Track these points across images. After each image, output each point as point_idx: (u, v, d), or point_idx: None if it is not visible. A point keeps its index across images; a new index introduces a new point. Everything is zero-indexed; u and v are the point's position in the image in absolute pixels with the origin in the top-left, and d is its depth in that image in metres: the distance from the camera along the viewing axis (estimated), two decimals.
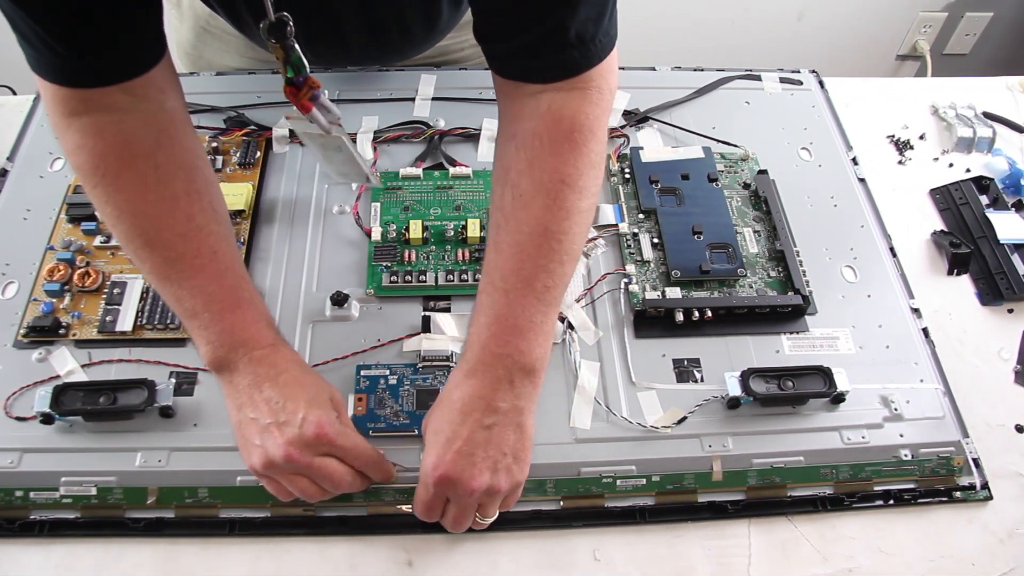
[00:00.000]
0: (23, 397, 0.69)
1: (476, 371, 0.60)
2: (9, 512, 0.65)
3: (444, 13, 0.82)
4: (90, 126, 0.59)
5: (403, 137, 0.90)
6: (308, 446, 0.59)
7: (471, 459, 0.58)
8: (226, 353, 0.61)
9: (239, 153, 0.87)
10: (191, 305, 0.61)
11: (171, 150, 0.62)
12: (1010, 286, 0.82)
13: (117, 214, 0.61)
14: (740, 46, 1.94)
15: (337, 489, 0.62)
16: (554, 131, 0.61)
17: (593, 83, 0.62)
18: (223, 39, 0.96)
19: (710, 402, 0.71)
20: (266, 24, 0.55)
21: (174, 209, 0.61)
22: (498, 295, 0.61)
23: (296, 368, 0.63)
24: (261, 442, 0.59)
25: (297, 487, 0.60)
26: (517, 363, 0.60)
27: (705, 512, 0.68)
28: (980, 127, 0.98)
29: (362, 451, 0.62)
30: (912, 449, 0.70)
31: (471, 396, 0.60)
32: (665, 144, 0.92)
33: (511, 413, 0.60)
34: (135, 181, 0.60)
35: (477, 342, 0.61)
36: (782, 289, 0.78)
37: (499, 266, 0.62)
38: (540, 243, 0.61)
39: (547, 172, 0.61)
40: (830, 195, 0.88)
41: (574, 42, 0.60)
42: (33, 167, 0.86)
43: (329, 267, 0.79)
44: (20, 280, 0.76)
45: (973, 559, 0.67)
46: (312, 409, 0.59)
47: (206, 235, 0.62)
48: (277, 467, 0.59)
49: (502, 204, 0.63)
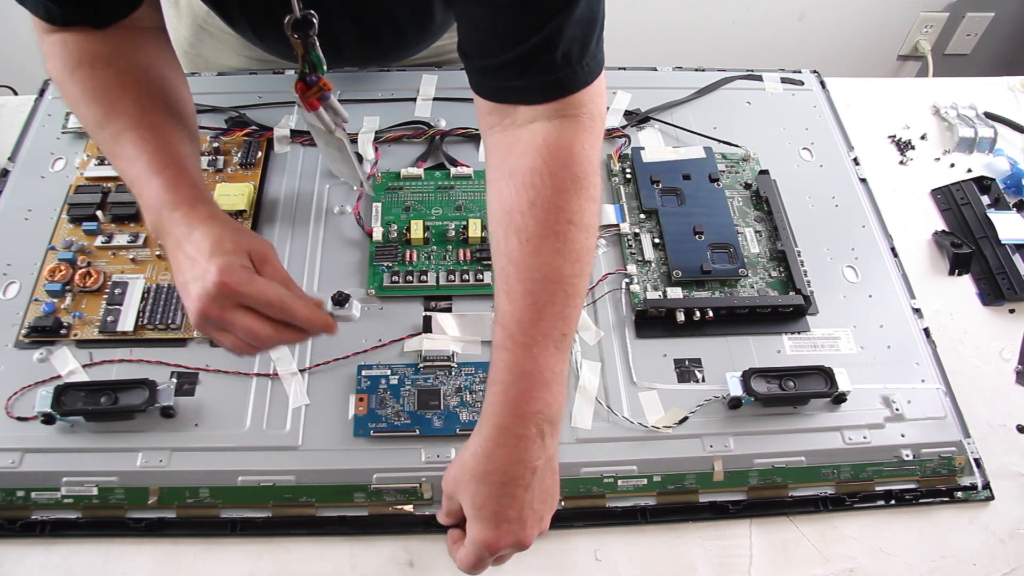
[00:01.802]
0: (24, 397, 0.69)
1: (508, 438, 0.57)
2: (10, 512, 0.65)
3: (437, 15, 0.82)
4: (66, 37, 0.64)
5: (404, 137, 0.90)
6: (215, 299, 0.56)
7: (522, 524, 0.57)
8: (156, 217, 0.60)
9: (240, 153, 0.87)
10: (131, 173, 0.62)
11: (132, 56, 0.65)
12: (1011, 286, 0.82)
13: (86, 98, 0.64)
14: (741, 46, 1.94)
15: (259, 343, 0.58)
16: (553, 166, 0.60)
17: (584, 109, 0.61)
18: (221, 38, 0.96)
19: (711, 402, 0.71)
20: (291, 20, 0.55)
21: (124, 96, 0.63)
22: (520, 351, 0.58)
23: (211, 222, 0.60)
24: (186, 300, 0.58)
25: (227, 342, 0.59)
26: (546, 418, 0.58)
27: (706, 512, 0.68)
28: (981, 127, 0.98)
29: (274, 299, 0.57)
30: (913, 449, 0.70)
31: (510, 464, 0.57)
32: (666, 144, 0.92)
33: (546, 465, 0.58)
34: (109, 73, 0.64)
35: (505, 402, 0.58)
36: (783, 289, 0.78)
37: (517, 319, 0.59)
38: (555, 290, 0.59)
39: (552, 213, 0.59)
40: (831, 195, 0.88)
41: (560, 63, 0.59)
42: (34, 167, 0.86)
43: (330, 267, 0.79)
44: (21, 280, 0.76)
45: (974, 559, 0.67)
46: (213, 259, 0.56)
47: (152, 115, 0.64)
48: (203, 324, 0.57)
49: (508, 250, 0.60)
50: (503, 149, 0.63)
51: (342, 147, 0.71)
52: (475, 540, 0.56)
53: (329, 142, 0.72)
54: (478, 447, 0.57)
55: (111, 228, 0.80)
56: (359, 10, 0.77)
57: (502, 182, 0.61)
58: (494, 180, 0.63)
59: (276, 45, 0.86)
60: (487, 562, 0.58)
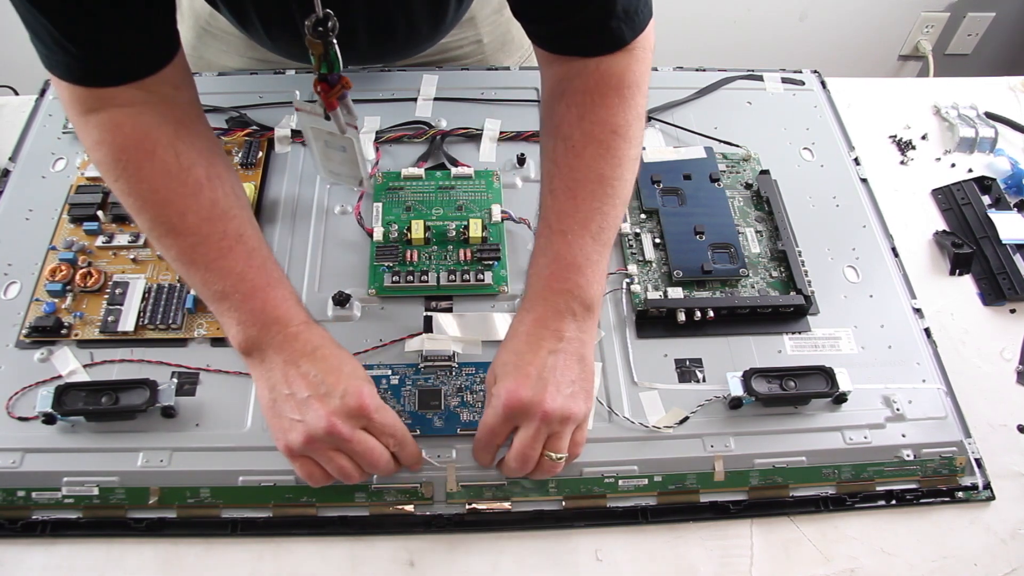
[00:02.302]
0: (25, 397, 0.69)
1: (537, 304, 0.63)
2: (11, 512, 0.65)
3: (450, 10, 0.82)
4: (108, 121, 0.60)
5: (405, 137, 0.90)
6: (350, 418, 0.58)
7: (543, 382, 0.59)
8: (258, 333, 0.61)
9: (241, 153, 0.87)
10: (220, 287, 0.61)
11: (189, 139, 0.62)
12: (1012, 286, 0.82)
13: (141, 204, 0.61)
14: (742, 46, 1.94)
15: (373, 468, 0.61)
16: (604, 87, 0.64)
17: (638, 45, 0.65)
18: (224, 39, 0.96)
19: (712, 402, 0.71)
20: (312, 20, 0.56)
21: (198, 194, 0.61)
22: (556, 236, 0.63)
23: (332, 344, 0.63)
24: (301, 416, 0.58)
25: (335, 465, 0.60)
26: (577, 297, 0.62)
27: (707, 512, 0.68)
28: (982, 127, 0.98)
29: (399, 428, 0.62)
30: (914, 449, 0.70)
31: (536, 326, 0.62)
32: (667, 144, 0.92)
33: (575, 342, 0.62)
34: (157, 170, 0.61)
35: (538, 280, 0.63)
36: (784, 289, 0.78)
37: (556, 210, 0.64)
38: (594, 188, 0.63)
39: (598, 124, 0.64)
40: (832, 195, 0.88)
41: (621, 16, 0.62)
42: (35, 167, 0.86)
43: (331, 267, 0.79)
44: (22, 280, 0.76)
45: (975, 559, 0.67)
46: (353, 381, 0.59)
47: (231, 218, 0.62)
48: (317, 442, 0.58)
49: (555, 155, 0.65)
50: (558, 74, 0.67)
51: (348, 146, 0.71)
52: (498, 394, 0.60)
53: (331, 143, 0.72)
54: (513, 321, 0.64)
55: (112, 228, 0.80)
56: (378, 6, 0.77)
57: (555, 100, 0.66)
58: (548, 99, 0.68)
59: (287, 46, 0.86)
60: (504, 434, 0.61)
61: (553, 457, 0.61)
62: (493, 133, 0.91)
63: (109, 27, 0.56)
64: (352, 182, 0.81)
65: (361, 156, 0.73)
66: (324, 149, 0.75)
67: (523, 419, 0.60)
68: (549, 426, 0.60)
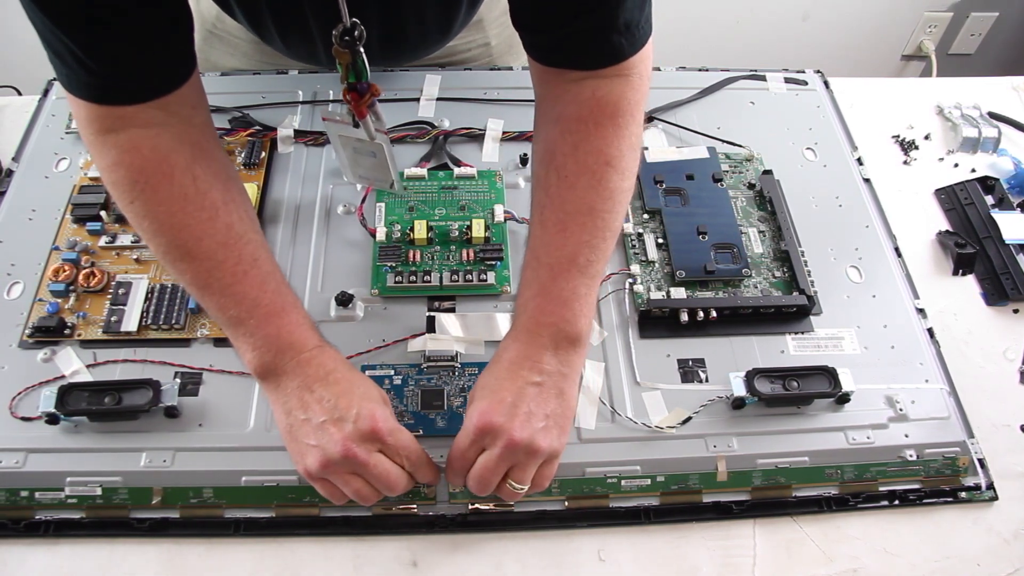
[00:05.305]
0: (28, 397, 0.69)
1: (522, 335, 0.63)
2: (14, 512, 0.65)
3: (461, 14, 0.82)
4: (126, 142, 0.59)
5: (408, 137, 0.90)
6: (365, 441, 0.58)
7: (515, 410, 0.59)
8: (272, 358, 0.61)
9: (244, 153, 0.87)
10: (235, 312, 0.61)
11: (205, 162, 0.62)
12: (1015, 286, 0.82)
13: (157, 227, 0.61)
14: (745, 46, 1.94)
15: (390, 489, 0.61)
16: (598, 116, 0.63)
17: (634, 69, 0.64)
18: (230, 42, 0.96)
19: (715, 402, 0.71)
20: (339, 30, 0.55)
21: (214, 218, 0.61)
22: (543, 269, 0.63)
23: (344, 367, 0.63)
24: (317, 441, 0.58)
25: (352, 488, 0.60)
26: (562, 331, 0.62)
27: (710, 512, 0.68)
28: (985, 127, 0.98)
29: (413, 449, 0.61)
30: (917, 449, 0.70)
31: (518, 355, 0.62)
32: (670, 144, 0.92)
33: (555, 376, 0.61)
34: (174, 194, 0.60)
35: (524, 312, 0.63)
36: (787, 289, 0.78)
37: (544, 242, 0.64)
38: (584, 221, 0.63)
39: (591, 154, 0.63)
40: (835, 195, 0.88)
41: (621, 29, 0.61)
42: (38, 167, 0.86)
43: (334, 267, 0.79)
44: (25, 280, 0.76)
45: (978, 559, 0.67)
46: (365, 404, 0.59)
47: (246, 243, 0.62)
48: (334, 465, 0.58)
49: (547, 185, 0.64)
50: (553, 98, 0.65)
51: (378, 151, 0.71)
52: (470, 415, 0.60)
53: (361, 148, 0.72)
54: (499, 347, 0.64)
55: (115, 228, 0.80)
56: (390, 10, 0.77)
57: (549, 125, 0.65)
58: (542, 124, 0.67)
59: (301, 51, 0.86)
60: (471, 456, 0.60)
61: (514, 487, 0.61)
62: (496, 133, 0.91)
63: (131, 44, 0.56)
64: (383, 185, 0.80)
65: (391, 159, 0.73)
66: (353, 155, 0.74)
67: (490, 443, 0.59)
68: (514, 455, 0.59)
